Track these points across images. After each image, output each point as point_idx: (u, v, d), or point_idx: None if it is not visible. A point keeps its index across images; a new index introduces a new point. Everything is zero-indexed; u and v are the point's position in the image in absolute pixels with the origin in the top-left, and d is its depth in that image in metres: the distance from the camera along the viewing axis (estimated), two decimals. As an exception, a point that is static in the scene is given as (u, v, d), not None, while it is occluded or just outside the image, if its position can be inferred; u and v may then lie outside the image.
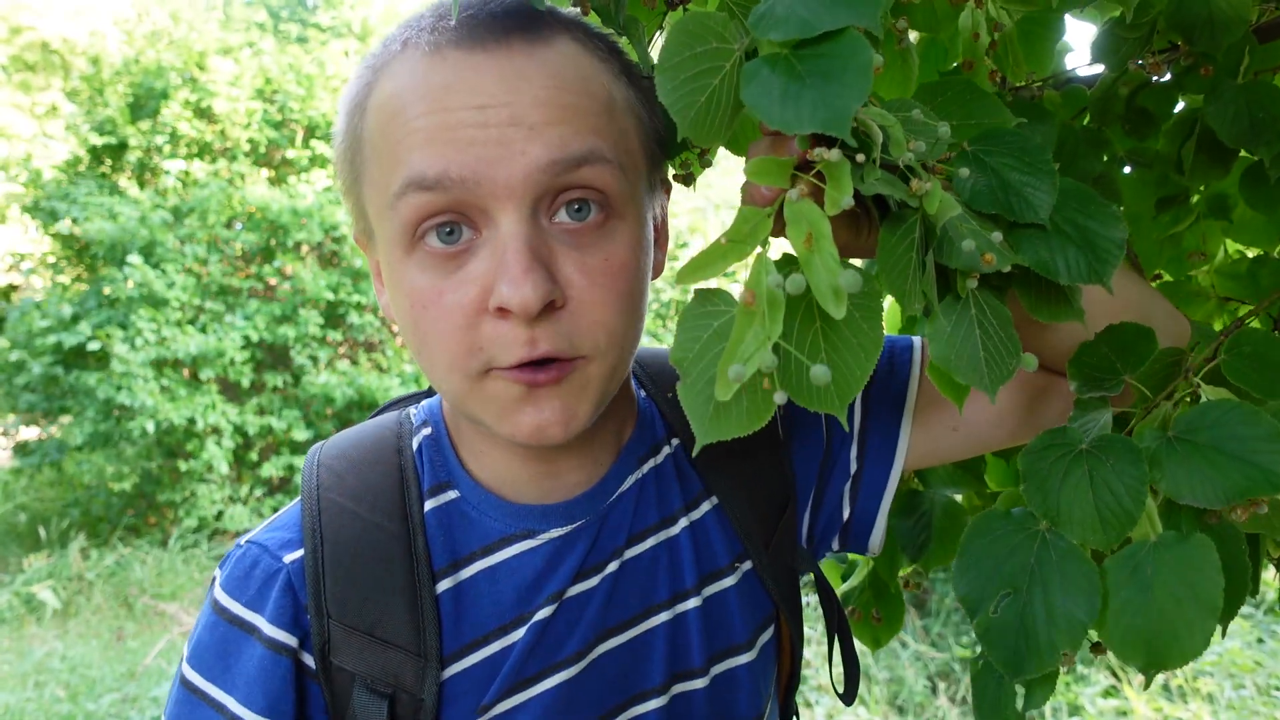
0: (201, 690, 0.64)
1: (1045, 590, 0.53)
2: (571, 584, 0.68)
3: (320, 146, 6.38)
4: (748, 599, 0.74)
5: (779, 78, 0.45)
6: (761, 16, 0.47)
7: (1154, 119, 0.88)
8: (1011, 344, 0.54)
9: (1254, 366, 0.58)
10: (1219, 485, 0.52)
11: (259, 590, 0.65)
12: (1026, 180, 0.53)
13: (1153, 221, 0.95)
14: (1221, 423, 0.53)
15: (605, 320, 0.59)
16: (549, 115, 0.56)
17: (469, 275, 0.57)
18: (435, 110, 0.56)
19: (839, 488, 0.78)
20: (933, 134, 0.52)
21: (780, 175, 0.48)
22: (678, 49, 0.48)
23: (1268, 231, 0.95)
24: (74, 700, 3.66)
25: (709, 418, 0.48)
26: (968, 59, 0.83)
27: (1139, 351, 0.59)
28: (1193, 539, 0.51)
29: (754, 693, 0.75)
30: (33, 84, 6.86)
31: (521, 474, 0.68)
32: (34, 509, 5.98)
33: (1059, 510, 0.53)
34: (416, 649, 0.64)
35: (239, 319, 5.63)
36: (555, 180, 0.57)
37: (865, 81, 0.44)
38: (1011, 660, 0.53)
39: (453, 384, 0.61)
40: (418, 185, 0.56)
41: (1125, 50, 0.81)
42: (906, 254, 0.50)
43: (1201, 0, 0.76)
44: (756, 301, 0.45)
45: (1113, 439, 0.54)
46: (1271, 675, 3.20)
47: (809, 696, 3.31)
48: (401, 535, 0.66)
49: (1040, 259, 0.53)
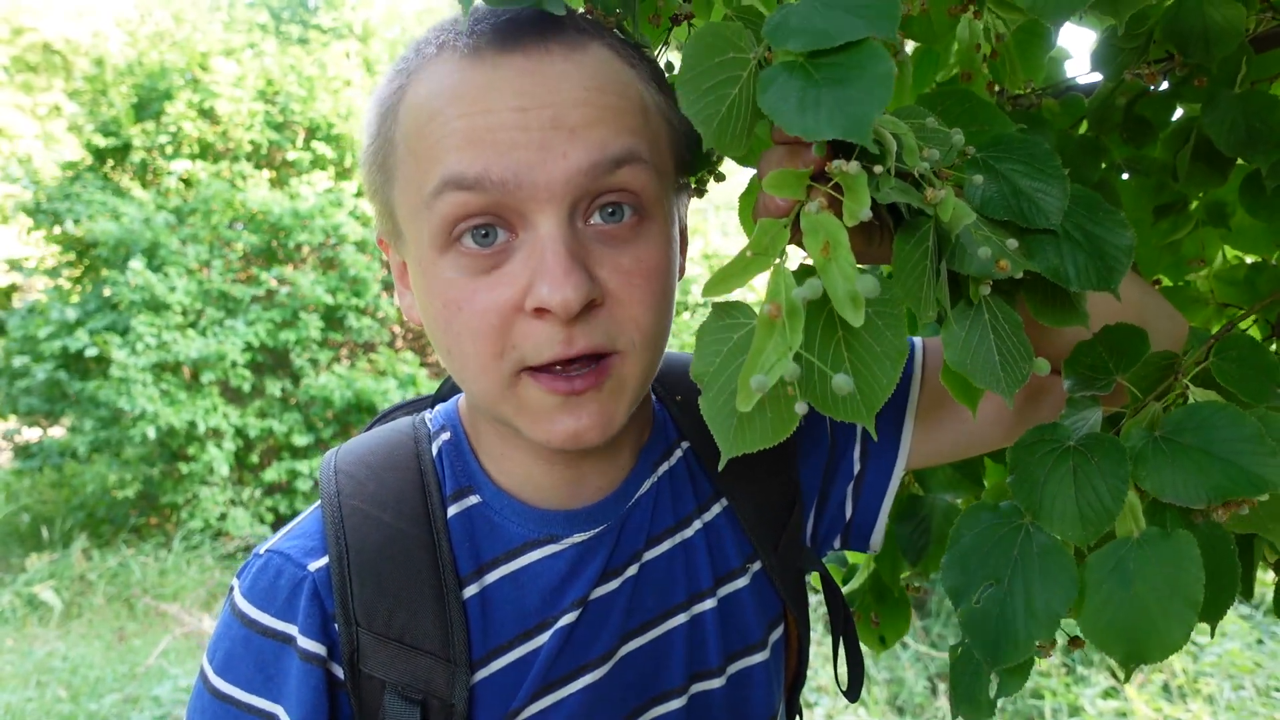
0: (244, 703, 0.63)
1: (1025, 582, 0.54)
2: (595, 587, 0.69)
3: (321, 148, 6.38)
4: (759, 599, 0.75)
5: (796, 83, 0.45)
6: (777, 26, 0.47)
7: (1152, 127, 0.88)
8: (1024, 349, 0.55)
9: (1241, 371, 0.59)
10: (1201, 485, 0.52)
11: (287, 600, 0.64)
12: (1037, 186, 0.54)
13: (1152, 228, 0.96)
14: (1207, 424, 0.54)
15: (639, 318, 0.60)
16: (589, 117, 0.57)
17: (504, 277, 0.58)
18: (475, 111, 0.56)
19: (843, 488, 0.79)
20: (946, 141, 0.52)
21: (797, 187, 0.48)
22: (696, 60, 0.48)
23: (1266, 238, 0.95)
24: (76, 700, 3.66)
25: (733, 430, 0.48)
26: (965, 70, 0.83)
27: (1132, 352, 0.60)
28: (1175, 535, 0.52)
29: (768, 692, 0.75)
30: (35, 85, 6.87)
31: (545, 479, 0.68)
32: (36, 510, 5.99)
33: (1041, 505, 0.54)
34: (446, 654, 0.64)
35: (240, 324, 5.64)
36: (594, 183, 0.57)
37: (886, 90, 0.44)
38: (990, 649, 0.54)
39: (485, 385, 0.61)
40: (456, 185, 0.56)
41: (1122, 60, 0.81)
42: (921, 262, 0.50)
43: (1196, 12, 0.77)
44: (778, 313, 0.46)
45: (1100, 437, 0.55)
46: (1271, 676, 3.21)
47: (809, 697, 3.32)
48: (426, 541, 0.65)
49: (1052, 265, 0.54)
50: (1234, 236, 0.97)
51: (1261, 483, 0.51)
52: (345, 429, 5.89)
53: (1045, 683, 3.28)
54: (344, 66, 6.57)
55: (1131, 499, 0.54)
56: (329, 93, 6.41)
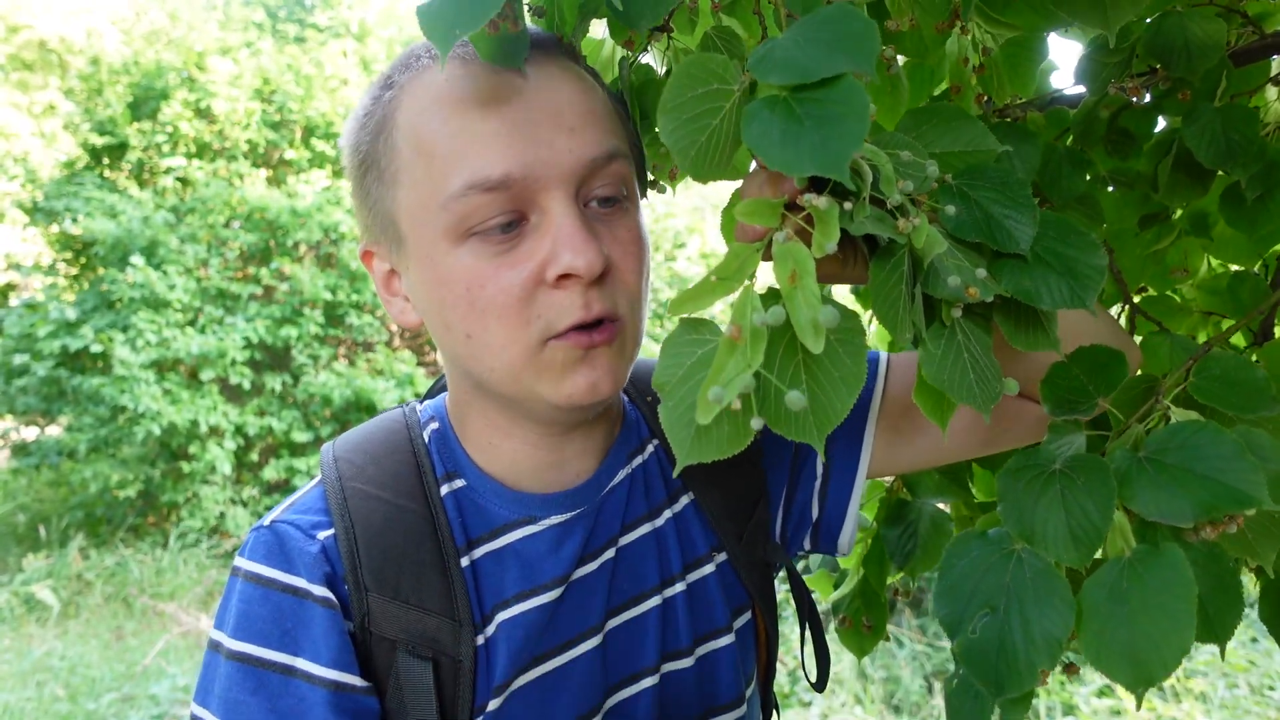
0: (262, 659, 0.65)
1: (1022, 609, 0.54)
2: (575, 568, 0.73)
3: (319, 146, 6.38)
4: (724, 587, 0.80)
5: (779, 120, 0.47)
6: (761, 59, 0.49)
7: (1135, 140, 0.90)
8: (994, 368, 0.57)
9: (1225, 388, 0.59)
10: (1187, 503, 0.52)
11: (298, 558, 0.68)
12: (1008, 213, 0.56)
13: (1136, 238, 0.98)
14: (1189, 443, 0.54)
15: (633, 286, 0.67)
16: (583, 119, 0.64)
17: (522, 255, 0.63)
18: (485, 116, 0.62)
19: (809, 489, 0.84)
20: (921, 172, 0.54)
21: (770, 216, 0.51)
22: (680, 90, 0.51)
23: (1247, 248, 0.97)
24: (73, 699, 3.67)
25: (690, 440, 0.50)
26: (955, 83, 0.85)
27: (1111, 374, 0.61)
28: (1164, 550, 0.52)
29: (735, 675, 0.80)
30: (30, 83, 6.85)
31: (528, 464, 0.73)
32: (33, 509, 5.99)
33: (1033, 529, 0.55)
34: (452, 614, 0.68)
35: (240, 320, 5.64)
36: (592, 173, 0.65)
37: (863, 127, 0.46)
38: (992, 680, 0.54)
39: (508, 357, 0.65)
40: (481, 187, 0.62)
41: (1106, 74, 0.83)
42: (896, 287, 0.52)
43: (1178, 28, 0.79)
44: (741, 335, 0.48)
45: (1084, 459, 0.56)
46: (1265, 674, 3.23)
47: (803, 696, 3.33)
48: (425, 514, 0.70)
49: (1023, 287, 0.56)
50: (1216, 246, 0.98)
51: (1245, 498, 0.51)
52: (344, 427, 5.89)
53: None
54: (340, 65, 6.56)
55: (1120, 519, 0.55)
56: (326, 91, 6.41)
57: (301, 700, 0.64)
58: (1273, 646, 3.35)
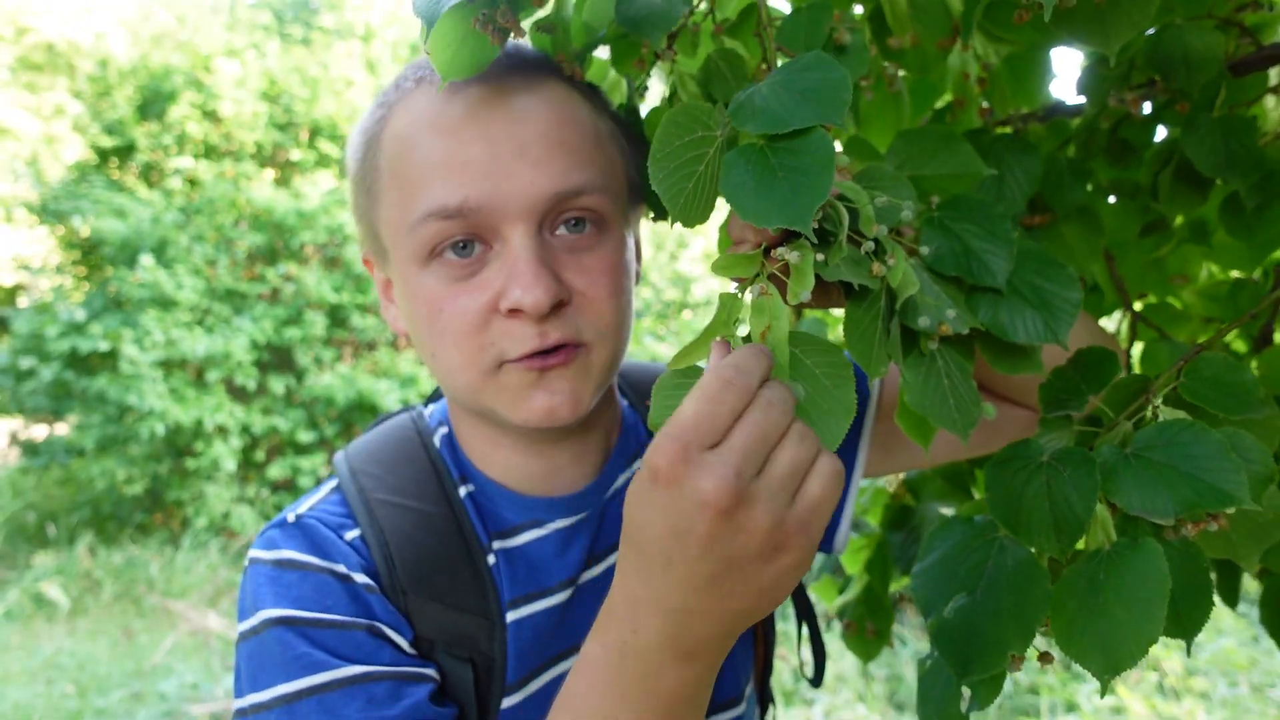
0: (311, 619, 0.63)
1: (996, 594, 0.55)
2: (583, 571, 0.75)
3: (325, 147, 6.40)
4: None
5: (753, 171, 0.49)
6: (740, 106, 0.51)
7: (1135, 150, 0.91)
8: (973, 394, 0.59)
9: (1214, 389, 0.60)
10: (1169, 499, 0.53)
11: (333, 548, 0.68)
12: (986, 247, 0.58)
13: (1136, 246, 0.99)
14: (1175, 441, 0.55)
15: (603, 311, 0.67)
16: (550, 150, 0.64)
17: (481, 282, 0.65)
18: (451, 145, 0.63)
19: None
20: (896, 214, 0.56)
21: (747, 268, 0.53)
22: (668, 139, 0.52)
23: (1246, 256, 0.98)
24: (83, 696, 3.70)
25: None
26: (959, 97, 0.86)
27: (1104, 374, 0.63)
28: (1143, 544, 0.53)
29: (734, 673, 0.82)
30: (39, 85, 6.87)
31: (523, 469, 0.75)
32: (42, 507, 6.02)
33: (1019, 518, 0.56)
34: (484, 611, 0.70)
35: (246, 321, 5.66)
36: (557, 206, 0.65)
37: (827, 181, 0.47)
38: (960, 661, 0.55)
39: (467, 378, 0.67)
40: (439, 215, 0.63)
41: (1106, 86, 0.84)
42: (872, 324, 0.54)
43: (1177, 39, 0.80)
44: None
45: (1070, 451, 0.57)
46: (1266, 673, 3.23)
47: (806, 695, 3.35)
48: (450, 516, 0.72)
49: (998, 322, 0.58)
50: (1215, 254, 0.99)
51: (1226, 497, 0.52)
52: (348, 427, 5.92)
53: (1042, 679, 3.31)
54: (346, 67, 6.58)
55: (1102, 512, 0.56)
56: (332, 93, 6.43)
57: (362, 646, 0.63)
58: (1273, 645, 3.35)
